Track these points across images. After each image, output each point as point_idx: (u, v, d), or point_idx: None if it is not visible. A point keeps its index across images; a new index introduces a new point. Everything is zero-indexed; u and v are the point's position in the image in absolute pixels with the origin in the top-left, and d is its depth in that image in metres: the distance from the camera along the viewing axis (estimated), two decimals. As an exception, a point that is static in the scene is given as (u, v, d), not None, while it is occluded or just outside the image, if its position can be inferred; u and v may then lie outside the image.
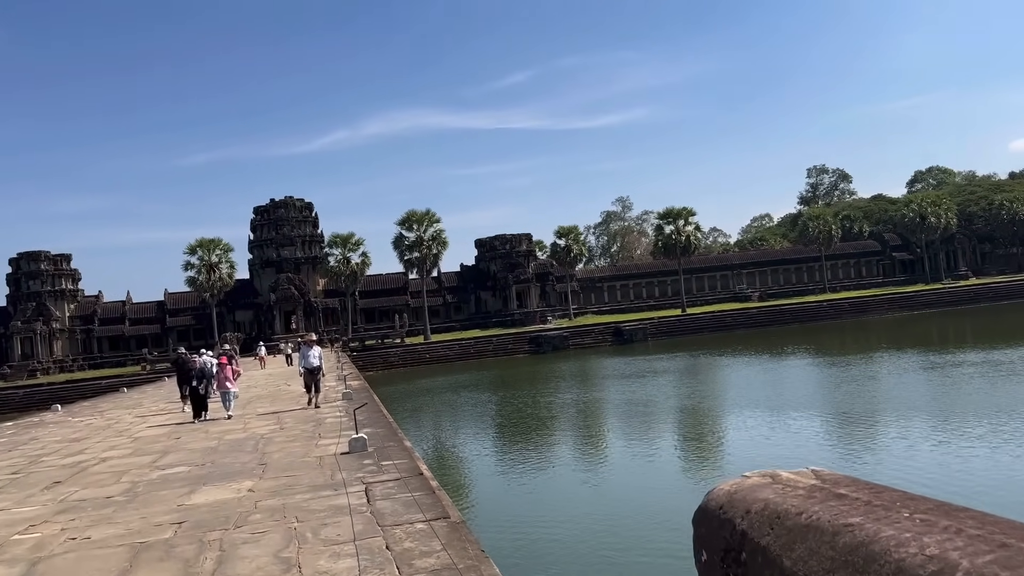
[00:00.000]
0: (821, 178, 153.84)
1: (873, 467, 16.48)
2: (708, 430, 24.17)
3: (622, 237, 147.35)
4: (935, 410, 23.16)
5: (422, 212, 75.41)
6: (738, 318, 76.11)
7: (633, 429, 25.67)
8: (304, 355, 17.49)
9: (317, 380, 17.47)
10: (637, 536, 12.20)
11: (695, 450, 21.01)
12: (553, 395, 37.16)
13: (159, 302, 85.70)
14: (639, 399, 32.90)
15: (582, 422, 27.92)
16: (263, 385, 27.46)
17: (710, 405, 29.28)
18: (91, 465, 11.62)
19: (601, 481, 17.58)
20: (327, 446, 10.89)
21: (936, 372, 32.10)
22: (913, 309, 76.69)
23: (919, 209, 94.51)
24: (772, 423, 23.40)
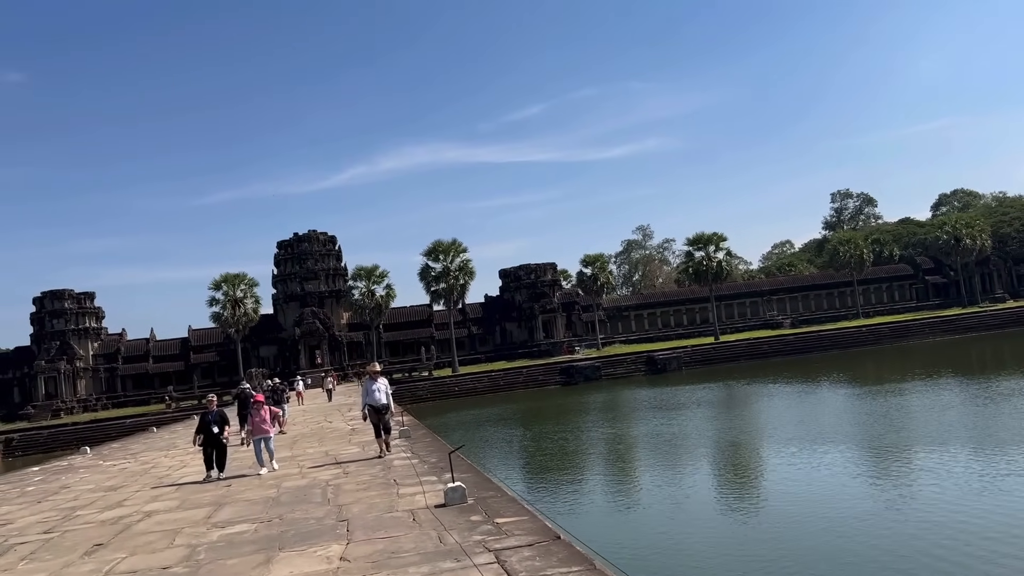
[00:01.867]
0: (846, 203, 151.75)
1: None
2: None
3: (644, 266, 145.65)
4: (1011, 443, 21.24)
5: (448, 242, 74.23)
6: (774, 345, 73.97)
7: (740, 464, 23.88)
8: (368, 390, 14.27)
9: (386, 421, 14.45)
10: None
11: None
12: (610, 427, 35.34)
13: (183, 339, 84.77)
14: (710, 431, 31.06)
15: (674, 456, 25.86)
16: (303, 422, 25.91)
17: (785, 437, 27.35)
18: (135, 522, 10.09)
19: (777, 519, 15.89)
20: (412, 496, 9.40)
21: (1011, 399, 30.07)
22: (955, 333, 74.31)
23: (953, 231, 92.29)
24: (850, 458, 21.59)
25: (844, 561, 12.69)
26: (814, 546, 13.65)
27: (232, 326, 72.81)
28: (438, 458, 12.76)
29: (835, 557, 12.97)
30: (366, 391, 14.38)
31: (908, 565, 12.14)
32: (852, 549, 13.29)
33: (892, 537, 13.74)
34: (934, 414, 28.34)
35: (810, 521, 15.39)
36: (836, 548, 13.42)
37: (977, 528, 13.58)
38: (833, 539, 13.99)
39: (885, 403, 32.75)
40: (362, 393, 14.79)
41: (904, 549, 12.97)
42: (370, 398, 14.17)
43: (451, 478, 8.61)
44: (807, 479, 19.67)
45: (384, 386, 14.38)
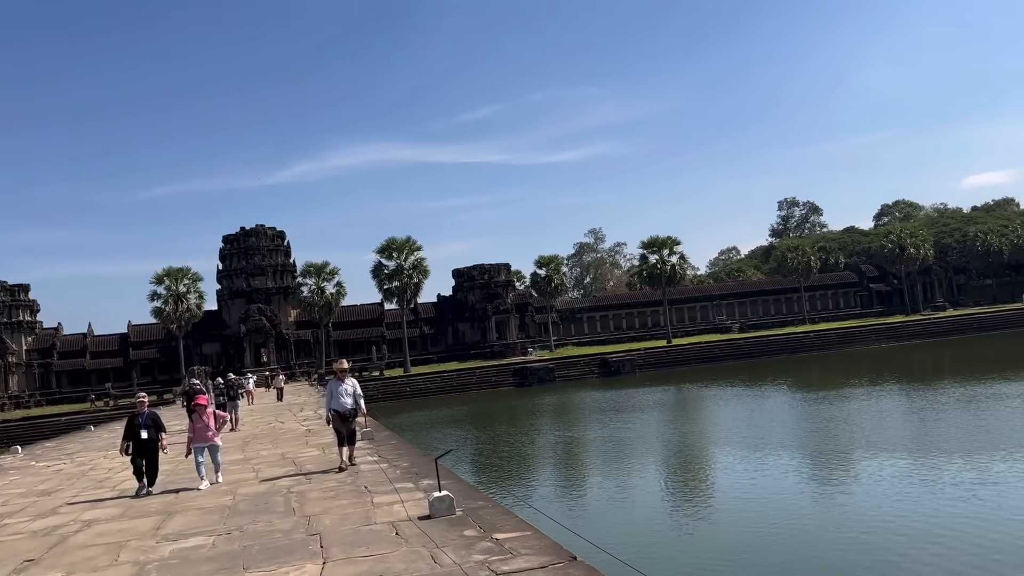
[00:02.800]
0: (792, 210, 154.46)
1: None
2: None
3: (595, 269, 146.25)
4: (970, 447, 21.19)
5: (402, 240, 72.88)
6: (725, 349, 74.42)
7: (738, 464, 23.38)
8: (334, 392, 12.08)
9: (352, 430, 12.13)
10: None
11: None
12: (568, 431, 34.67)
13: (122, 335, 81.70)
14: (670, 435, 30.61)
15: (634, 460, 25.21)
16: (253, 422, 24.62)
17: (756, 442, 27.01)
18: (73, 532, 8.96)
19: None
20: (389, 506, 8.48)
21: (965, 404, 30.32)
22: (900, 340, 75.79)
23: (898, 240, 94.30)
24: (804, 463, 21.30)
25: (777, 561, 13.06)
26: (755, 549, 13.79)
27: (174, 322, 70.34)
28: (409, 462, 11.84)
29: (770, 558, 13.28)
30: (332, 393, 12.19)
31: (844, 565, 12.55)
32: (786, 548, 13.78)
33: (824, 537, 14.31)
34: (884, 420, 28.42)
35: (761, 526, 15.32)
36: (772, 548, 13.81)
37: (925, 533, 13.91)
38: (771, 540, 14.29)
39: (834, 408, 32.88)
40: (326, 395, 12.39)
41: (835, 550, 13.43)
42: (336, 402, 11.96)
43: (437, 486, 7.73)
44: (765, 484, 19.35)
45: (353, 388, 12.30)
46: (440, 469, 11.29)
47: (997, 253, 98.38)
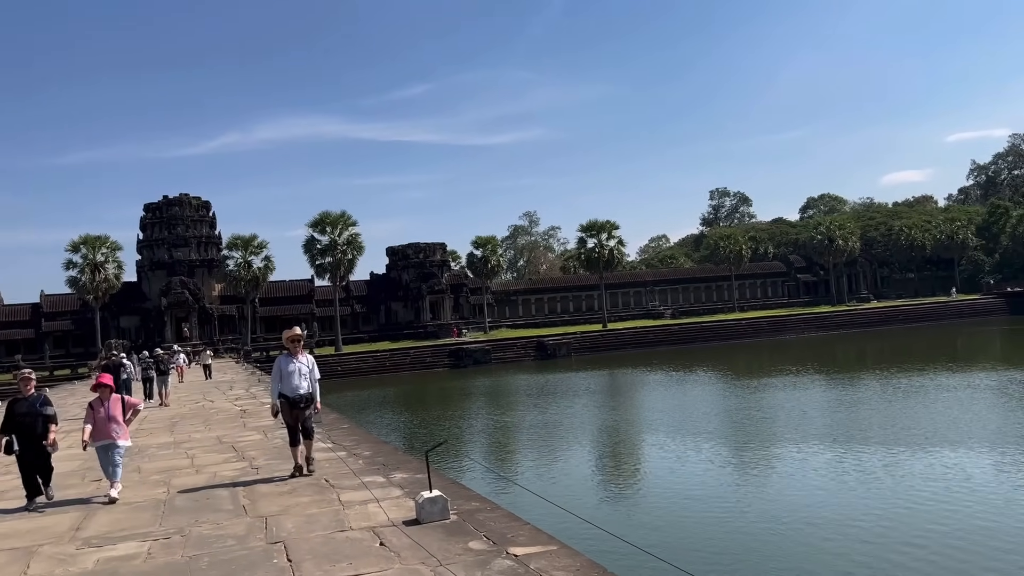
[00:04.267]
0: (723, 200, 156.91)
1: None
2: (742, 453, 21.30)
3: (529, 252, 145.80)
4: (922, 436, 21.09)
5: (337, 214, 70.44)
6: (659, 335, 74.75)
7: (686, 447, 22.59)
8: (283, 372, 9.25)
9: (308, 421, 9.28)
10: None
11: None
12: (505, 413, 33.63)
13: (34, 304, 77.00)
14: (614, 419, 29.89)
15: (599, 443, 24.41)
16: (179, 400, 22.69)
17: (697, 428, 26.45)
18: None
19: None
20: (363, 505, 7.17)
21: (909, 394, 30.53)
22: (828, 329, 77.43)
23: (827, 232, 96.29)
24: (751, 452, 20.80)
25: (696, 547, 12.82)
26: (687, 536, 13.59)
27: (91, 293, 66.44)
28: (371, 450, 10.46)
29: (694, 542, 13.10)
30: (280, 372, 9.26)
31: (766, 551, 12.45)
32: (704, 534, 13.64)
33: (751, 524, 14.17)
34: (814, 408, 28.44)
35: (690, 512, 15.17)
36: (693, 533, 13.76)
37: (846, 520, 13.96)
38: (690, 526, 14.26)
39: (767, 395, 32.88)
40: (273, 375, 9.44)
41: (763, 536, 13.36)
42: (286, 384, 9.15)
43: (419, 483, 6.44)
44: (698, 471, 18.90)
45: (309, 367, 9.44)
46: (401, 457, 10.03)
47: (920, 248, 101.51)
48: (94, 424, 8.84)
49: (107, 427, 8.80)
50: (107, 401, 8.94)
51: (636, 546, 6.46)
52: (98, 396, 9.02)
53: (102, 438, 8.82)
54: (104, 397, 8.98)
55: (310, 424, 9.39)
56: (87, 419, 9.00)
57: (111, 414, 8.85)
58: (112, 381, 9.34)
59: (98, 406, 8.92)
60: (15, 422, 8.55)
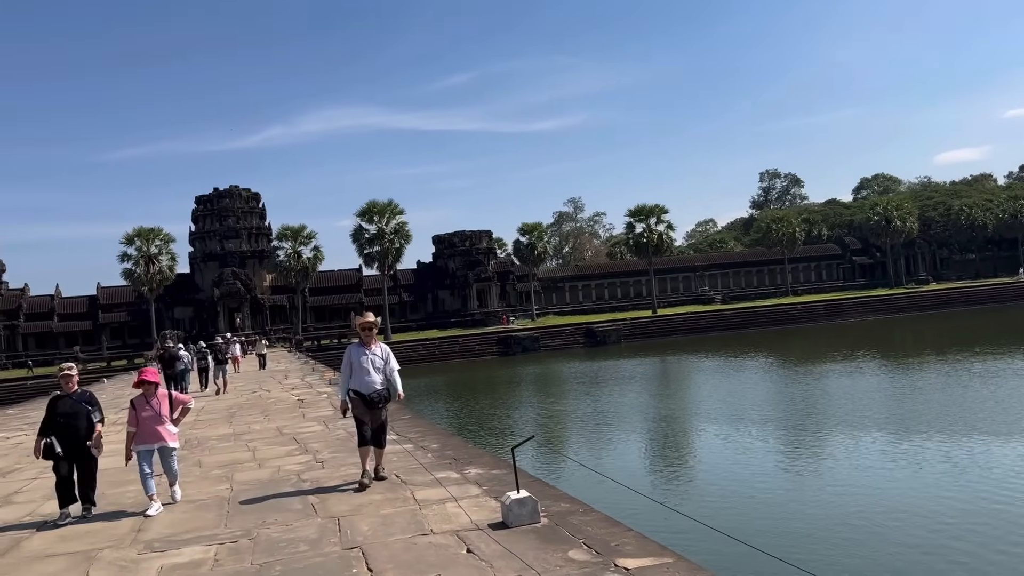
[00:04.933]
0: (773, 182, 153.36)
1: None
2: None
3: (575, 238, 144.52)
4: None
5: (384, 203, 70.44)
6: (711, 320, 73.29)
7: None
8: (356, 364, 8.05)
9: (383, 424, 8.10)
10: None
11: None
12: (566, 401, 32.91)
13: (91, 297, 78.72)
14: (685, 407, 29.08)
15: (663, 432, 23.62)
16: (236, 391, 22.53)
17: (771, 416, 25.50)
18: (28, 535, 7.03)
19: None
20: (440, 504, 6.62)
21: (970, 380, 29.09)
22: (888, 313, 75.09)
23: (884, 212, 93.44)
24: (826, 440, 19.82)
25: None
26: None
27: (145, 284, 67.54)
28: (439, 442, 9.93)
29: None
30: (351, 364, 8.07)
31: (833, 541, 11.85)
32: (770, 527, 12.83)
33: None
34: (883, 395, 27.20)
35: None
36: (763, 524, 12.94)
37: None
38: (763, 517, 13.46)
39: (831, 383, 31.55)
40: (342, 368, 8.31)
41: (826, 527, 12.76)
42: (358, 378, 7.95)
43: (500, 481, 5.85)
44: (796, 464, 17.85)
45: (385, 357, 8.22)
46: (472, 450, 9.49)
47: (981, 227, 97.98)
48: (138, 426, 7.69)
49: (154, 429, 7.68)
50: (152, 399, 7.78)
51: (762, 550, 5.77)
52: (141, 393, 7.83)
53: (149, 441, 7.66)
54: (148, 395, 7.79)
55: (383, 436, 8.10)
56: (130, 421, 7.78)
57: (158, 413, 7.73)
58: (157, 376, 8.07)
59: (142, 405, 7.73)
60: (56, 422, 7.57)
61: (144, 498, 7.64)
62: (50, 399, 7.91)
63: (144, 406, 7.74)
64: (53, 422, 7.58)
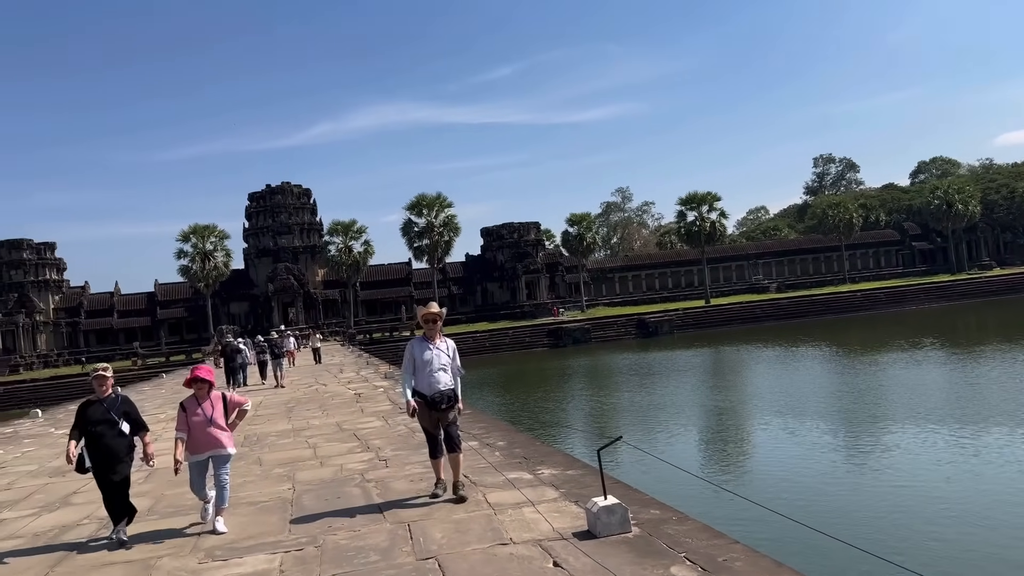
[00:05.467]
0: (828, 167, 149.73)
1: None
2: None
3: (623, 228, 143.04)
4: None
5: (432, 196, 70.44)
6: (767, 309, 71.67)
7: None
8: (419, 360, 7.10)
9: (453, 430, 7.07)
10: None
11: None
12: (638, 393, 32.08)
13: (149, 294, 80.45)
14: (752, 399, 28.21)
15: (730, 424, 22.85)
16: (293, 385, 22.46)
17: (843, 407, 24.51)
18: (85, 538, 6.79)
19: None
20: (516, 510, 6.11)
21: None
22: (950, 299, 72.55)
23: (945, 196, 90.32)
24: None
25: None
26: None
27: (201, 280, 68.71)
28: (506, 439, 9.47)
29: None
30: (413, 361, 7.11)
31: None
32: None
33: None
34: (959, 386, 25.85)
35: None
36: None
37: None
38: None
39: (902, 372, 30.20)
40: (404, 366, 7.30)
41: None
42: (422, 378, 6.98)
43: (602, 487, 5.32)
44: (895, 459, 16.92)
45: (451, 354, 7.27)
46: (541, 448, 9.02)
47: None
48: (189, 432, 6.67)
49: (207, 434, 6.67)
50: (205, 401, 6.81)
51: (874, 553, 5.18)
52: (192, 395, 6.87)
53: (201, 449, 6.68)
54: (201, 396, 6.82)
55: (456, 431, 7.02)
56: (179, 426, 6.76)
57: (211, 416, 6.72)
58: (211, 375, 7.02)
59: (193, 407, 6.77)
60: (86, 431, 6.59)
61: (201, 509, 6.93)
62: (80, 404, 6.91)
63: (196, 409, 6.76)
64: (84, 430, 6.64)
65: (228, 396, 7.11)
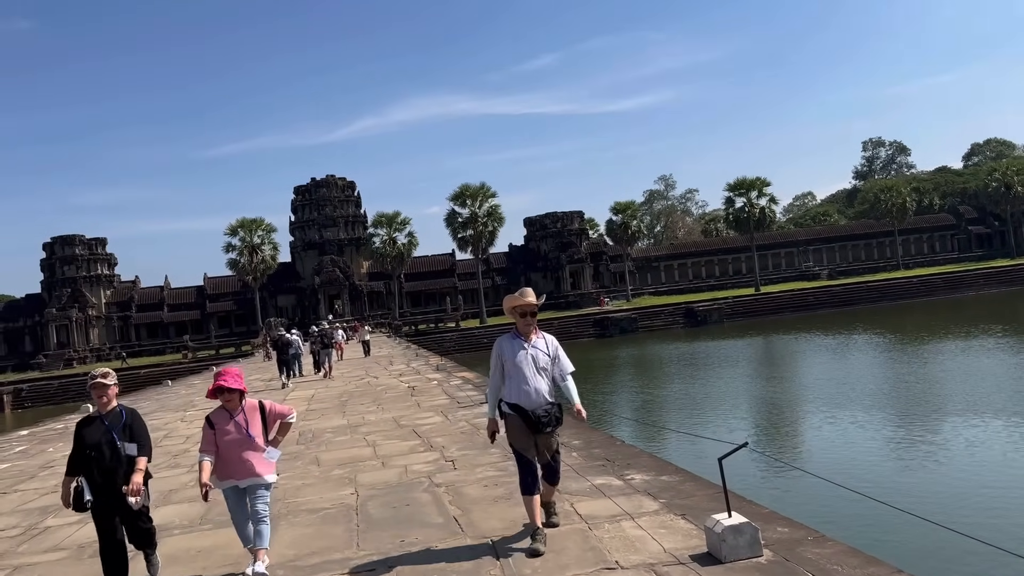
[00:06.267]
0: (877, 151, 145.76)
1: None
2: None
3: (666, 216, 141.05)
4: None
5: (476, 186, 69.83)
6: (820, 297, 69.77)
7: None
8: (508, 362, 5.57)
9: (554, 456, 5.49)
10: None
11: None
12: (679, 384, 31.10)
13: (198, 287, 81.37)
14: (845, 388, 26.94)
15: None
16: (343, 377, 22.06)
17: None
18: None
19: None
20: (614, 523, 5.33)
21: None
22: (1012, 284, 69.77)
23: (1003, 178, 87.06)
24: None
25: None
26: None
27: (249, 273, 69.21)
28: (581, 438, 8.72)
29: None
30: (505, 366, 5.60)
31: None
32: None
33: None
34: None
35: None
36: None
37: None
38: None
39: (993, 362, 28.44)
40: (492, 370, 5.75)
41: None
42: (515, 386, 5.46)
43: (726, 503, 4.57)
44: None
45: (551, 354, 5.71)
46: (623, 448, 8.27)
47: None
48: (218, 452, 5.24)
49: (241, 455, 5.23)
50: (238, 413, 5.35)
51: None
52: (221, 405, 5.41)
53: (235, 474, 5.25)
54: (231, 406, 5.36)
55: (560, 461, 5.54)
56: (205, 446, 5.30)
57: (248, 433, 5.28)
58: (241, 381, 5.41)
59: (223, 421, 5.32)
60: (84, 456, 5.07)
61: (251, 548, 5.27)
62: (78, 423, 5.35)
63: (226, 424, 5.28)
64: (82, 456, 5.08)
65: (267, 406, 5.51)
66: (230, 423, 5.29)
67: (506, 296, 5.84)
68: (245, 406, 5.40)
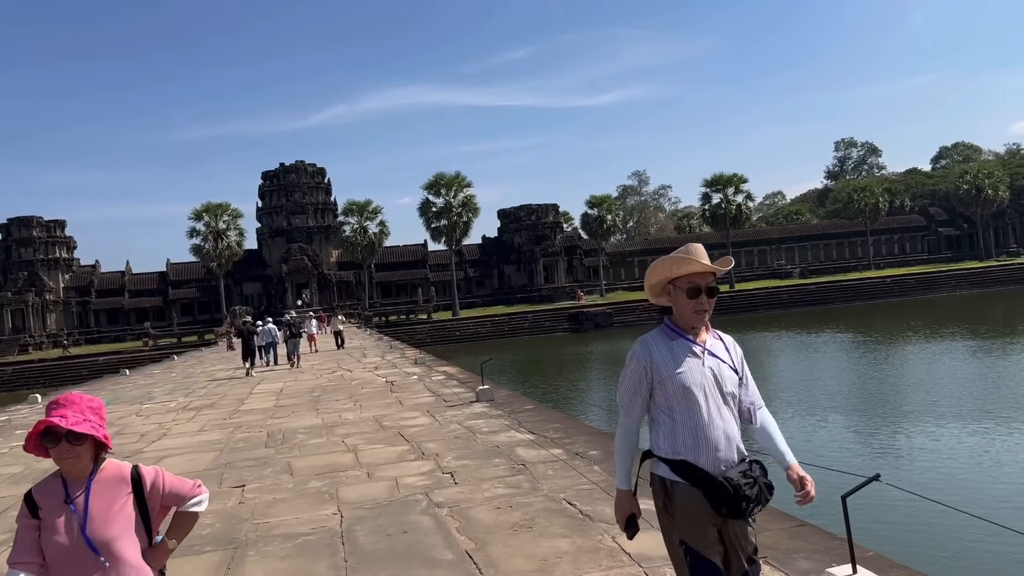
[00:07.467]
0: (849, 152, 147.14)
1: None
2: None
3: (639, 212, 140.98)
4: None
5: (451, 176, 68.50)
6: (794, 295, 69.64)
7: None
8: (678, 385, 2.88)
9: (756, 568, 2.91)
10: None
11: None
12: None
13: (161, 273, 79.03)
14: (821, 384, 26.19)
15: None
16: (314, 370, 20.81)
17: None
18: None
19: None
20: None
21: None
22: (984, 286, 70.24)
23: (974, 181, 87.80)
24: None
25: None
26: None
27: (214, 260, 67.16)
28: (598, 447, 7.32)
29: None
30: (666, 384, 2.91)
31: None
32: None
33: None
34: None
35: None
36: None
37: None
38: None
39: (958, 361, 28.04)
40: (626, 391, 3.04)
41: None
42: (686, 430, 2.85)
43: (850, 556, 3.42)
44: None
45: (736, 366, 3.07)
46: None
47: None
48: (46, 567, 2.51)
49: (89, 569, 2.50)
50: (79, 493, 2.57)
51: None
52: (53, 474, 2.65)
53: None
54: (74, 473, 2.59)
55: (758, 568, 2.94)
56: (18, 554, 2.51)
57: (88, 538, 2.51)
58: (96, 423, 2.54)
59: (53, 505, 2.57)
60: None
61: None
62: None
63: (57, 508, 2.56)
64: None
65: (149, 478, 2.67)
66: (66, 507, 2.56)
67: (658, 260, 3.10)
68: (101, 473, 2.63)
